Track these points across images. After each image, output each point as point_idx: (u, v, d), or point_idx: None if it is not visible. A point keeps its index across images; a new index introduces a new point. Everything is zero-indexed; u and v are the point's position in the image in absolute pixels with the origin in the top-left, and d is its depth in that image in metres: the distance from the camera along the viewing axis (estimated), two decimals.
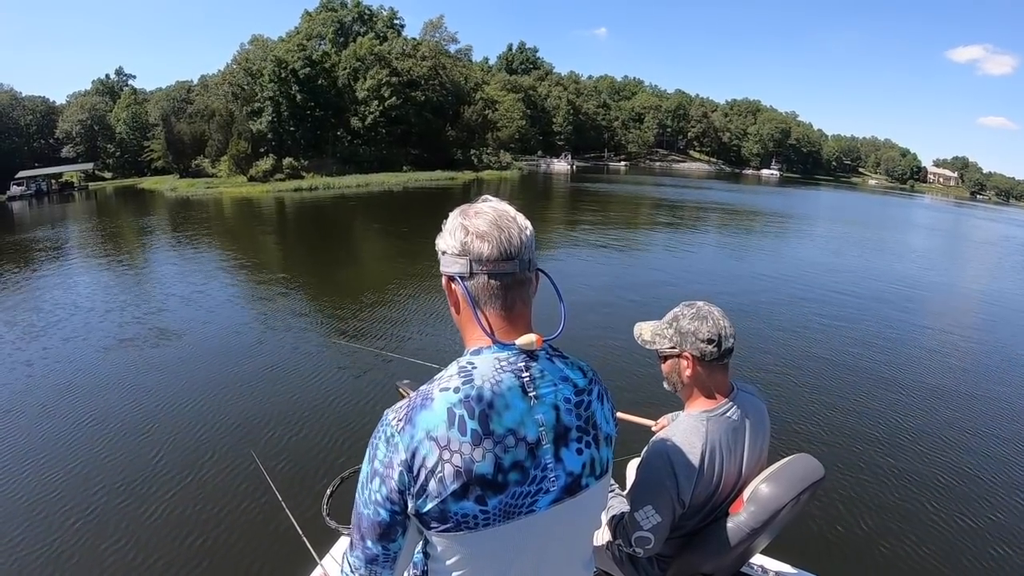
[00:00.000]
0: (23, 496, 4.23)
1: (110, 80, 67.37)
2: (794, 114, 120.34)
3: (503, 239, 0.98)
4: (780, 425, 5.45)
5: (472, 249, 0.98)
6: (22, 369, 6.75)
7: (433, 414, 0.91)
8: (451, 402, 0.92)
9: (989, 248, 26.24)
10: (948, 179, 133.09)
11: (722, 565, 1.59)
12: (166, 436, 5.06)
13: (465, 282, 0.99)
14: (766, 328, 8.76)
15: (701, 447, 1.50)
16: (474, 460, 0.90)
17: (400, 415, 0.94)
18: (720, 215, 28.17)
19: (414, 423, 0.91)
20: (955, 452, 5.23)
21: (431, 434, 0.90)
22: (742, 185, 62.36)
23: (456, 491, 0.90)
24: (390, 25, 58.43)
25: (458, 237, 1.00)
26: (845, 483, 4.56)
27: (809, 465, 1.62)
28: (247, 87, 47.54)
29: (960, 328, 10.22)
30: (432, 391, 0.94)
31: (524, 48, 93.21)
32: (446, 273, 1.02)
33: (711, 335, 1.55)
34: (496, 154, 57.87)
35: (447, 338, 7.52)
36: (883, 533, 3.99)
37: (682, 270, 13.58)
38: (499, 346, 0.99)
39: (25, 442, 5.04)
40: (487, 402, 0.92)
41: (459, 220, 1.02)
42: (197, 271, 12.41)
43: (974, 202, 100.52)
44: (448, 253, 1.01)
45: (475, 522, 0.92)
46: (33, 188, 41.94)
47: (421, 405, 0.93)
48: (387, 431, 0.94)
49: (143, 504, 4.11)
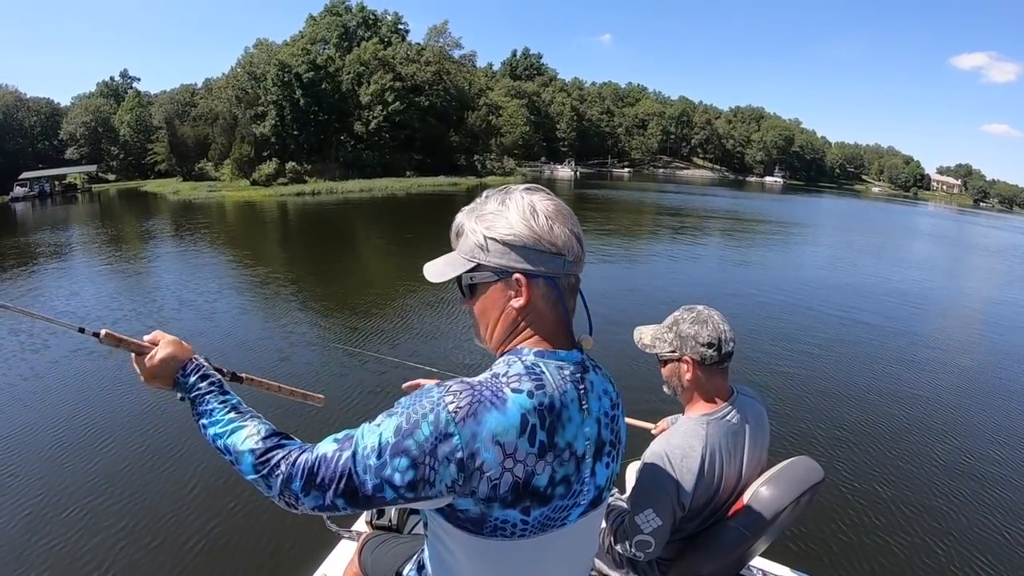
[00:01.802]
0: (31, 493, 4.21)
1: (114, 82, 67.81)
2: (797, 121, 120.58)
3: (576, 230, 0.92)
4: (780, 428, 5.46)
5: (557, 238, 0.90)
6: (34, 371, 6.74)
7: (505, 417, 0.82)
8: (525, 407, 0.83)
9: (996, 257, 26.14)
10: (951, 187, 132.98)
11: (722, 568, 1.58)
12: (164, 436, 5.02)
13: (549, 279, 0.91)
14: (768, 332, 8.74)
15: (701, 450, 1.50)
16: (535, 473, 0.84)
17: (461, 403, 0.82)
18: (725, 222, 28.12)
19: (479, 420, 0.81)
20: (955, 455, 5.19)
21: (498, 438, 0.81)
22: (746, 192, 62.37)
23: (507, 499, 0.83)
24: (394, 30, 58.66)
25: (548, 222, 0.90)
26: (845, 487, 4.53)
27: (809, 467, 1.63)
28: (251, 91, 47.72)
29: (963, 336, 10.18)
30: (501, 388, 0.85)
31: (528, 54, 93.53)
32: (527, 270, 0.90)
33: (711, 339, 1.56)
34: (499, 160, 57.95)
35: (446, 345, 7.51)
36: (882, 537, 3.96)
37: (684, 274, 13.59)
38: (564, 352, 0.93)
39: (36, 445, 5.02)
40: (556, 413, 0.87)
41: (524, 198, 0.91)
42: (198, 275, 12.44)
43: (977, 210, 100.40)
44: (521, 243, 0.89)
45: (512, 531, 0.87)
46: (36, 190, 42.13)
47: (491, 402, 0.83)
48: (440, 416, 0.81)
49: (141, 503, 4.08)
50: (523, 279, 0.89)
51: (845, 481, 4.62)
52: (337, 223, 24.35)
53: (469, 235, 0.93)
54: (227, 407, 0.99)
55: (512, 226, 0.89)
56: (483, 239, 0.91)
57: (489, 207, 0.93)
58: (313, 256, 15.69)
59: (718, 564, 1.56)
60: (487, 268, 0.92)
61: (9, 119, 56.48)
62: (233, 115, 45.54)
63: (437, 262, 1.00)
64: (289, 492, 0.87)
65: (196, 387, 1.03)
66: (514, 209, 0.90)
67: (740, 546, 1.53)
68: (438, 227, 1.10)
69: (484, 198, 0.95)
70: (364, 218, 26.16)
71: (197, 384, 1.03)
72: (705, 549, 1.57)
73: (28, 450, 4.90)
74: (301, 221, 25.10)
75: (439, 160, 51.49)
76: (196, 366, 1.07)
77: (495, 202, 0.93)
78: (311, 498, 0.86)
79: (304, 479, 0.86)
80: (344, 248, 17.40)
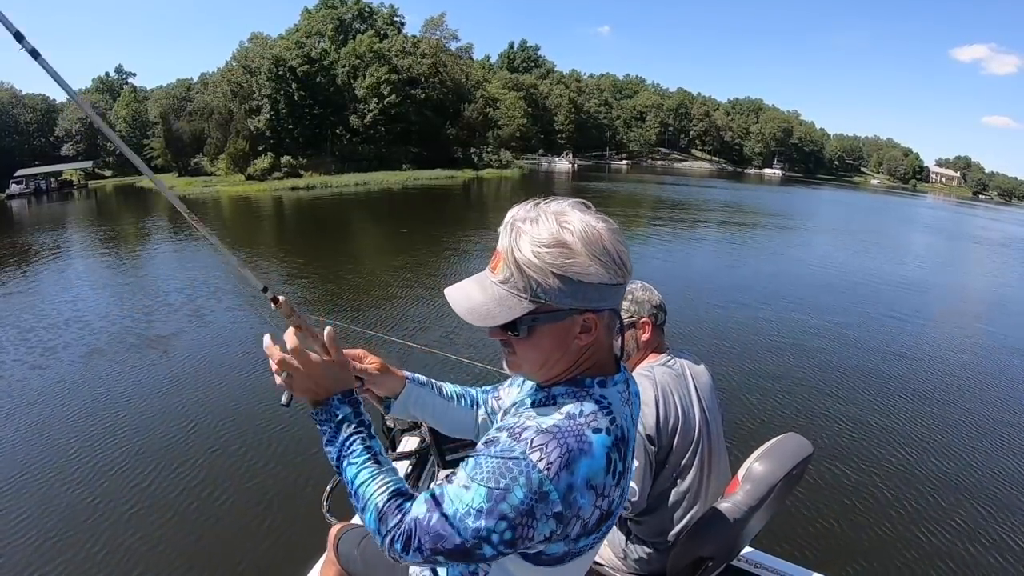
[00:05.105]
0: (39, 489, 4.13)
1: (110, 78, 67.50)
2: (796, 113, 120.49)
3: (626, 248, 0.87)
4: (771, 407, 5.72)
5: (624, 268, 0.85)
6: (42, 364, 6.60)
7: (595, 461, 0.80)
8: (607, 446, 0.82)
9: (995, 250, 26.13)
10: (950, 179, 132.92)
11: (721, 547, 1.58)
12: (164, 433, 4.98)
13: (613, 310, 0.88)
14: (759, 319, 8.80)
15: (652, 388, 1.65)
16: (614, 500, 0.84)
17: (551, 458, 0.78)
18: (726, 213, 28.13)
19: (573, 471, 0.78)
20: (950, 442, 5.21)
21: (592, 482, 0.80)
22: (746, 184, 62.45)
23: (591, 530, 0.83)
24: (390, 22, 58.40)
25: (617, 252, 0.83)
26: (840, 477, 4.49)
27: (799, 443, 1.71)
28: (245, 85, 47.44)
29: (964, 324, 10.17)
30: (583, 431, 0.81)
31: (526, 46, 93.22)
32: (600, 308, 0.85)
33: (660, 302, 1.81)
34: (497, 153, 57.83)
35: (444, 334, 7.40)
36: (877, 526, 3.92)
37: (682, 263, 13.52)
38: (619, 376, 0.92)
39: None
40: (626, 441, 0.86)
41: (589, 225, 0.82)
42: (194, 272, 12.33)
43: (976, 202, 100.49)
44: (597, 280, 0.82)
45: (581, 551, 0.87)
46: (32, 186, 41.92)
47: (579, 450, 0.79)
48: (532, 477, 0.78)
49: (140, 500, 4.05)
50: (594, 317, 0.85)
51: (834, 458, 4.71)
52: (333, 219, 24.28)
53: (529, 271, 0.81)
54: (370, 454, 0.94)
55: (583, 264, 0.80)
56: (552, 277, 0.80)
57: (544, 234, 0.81)
58: (308, 254, 15.58)
59: (718, 543, 1.57)
60: (553, 309, 0.83)
61: (5, 116, 56.24)
62: (228, 110, 45.27)
63: (472, 294, 0.88)
64: (392, 551, 0.87)
65: (348, 419, 0.95)
66: (582, 240, 0.81)
67: (739, 522, 1.53)
68: (431, 222, 1.05)
69: (532, 220, 0.83)
70: (358, 213, 26.12)
71: (350, 417, 0.95)
72: (705, 529, 1.59)
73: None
74: (295, 216, 25.00)
75: (436, 153, 51.34)
76: (356, 398, 0.99)
77: (550, 227, 0.82)
78: (411, 557, 0.86)
79: (403, 542, 0.85)
80: (339, 247, 17.30)
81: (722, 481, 1.74)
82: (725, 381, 5.95)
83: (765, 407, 5.66)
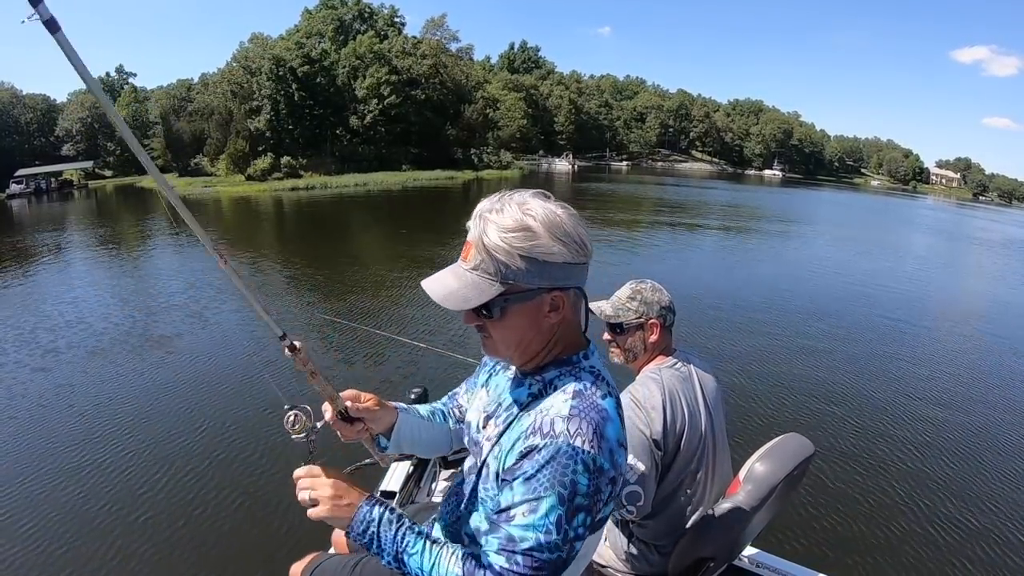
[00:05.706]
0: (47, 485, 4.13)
1: (110, 78, 67.34)
2: (797, 114, 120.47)
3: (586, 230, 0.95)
4: (772, 407, 5.72)
5: (585, 247, 0.91)
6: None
7: (615, 423, 0.90)
8: (616, 407, 0.93)
9: (999, 250, 26.12)
10: (951, 180, 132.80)
11: (723, 547, 1.58)
12: (167, 432, 4.99)
13: (578, 288, 0.95)
14: (759, 320, 8.78)
15: (660, 391, 1.65)
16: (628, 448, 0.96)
17: (587, 436, 0.85)
18: (726, 214, 28.09)
19: (604, 436, 0.87)
20: (951, 442, 5.20)
21: (621, 441, 0.90)
22: (746, 186, 62.40)
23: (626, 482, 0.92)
24: (390, 23, 58.35)
25: (578, 234, 0.90)
26: (842, 477, 4.49)
27: (800, 443, 1.71)
28: (245, 85, 47.38)
29: (962, 325, 10.15)
30: (597, 403, 0.90)
31: (526, 47, 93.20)
32: (566, 286, 0.92)
33: (669, 302, 1.79)
34: (497, 153, 57.79)
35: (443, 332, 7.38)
36: (878, 526, 3.92)
37: (684, 264, 13.51)
38: (593, 346, 1.00)
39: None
40: (620, 401, 0.96)
41: (550, 211, 0.89)
42: (194, 272, 12.32)
43: (976, 203, 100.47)
44: (561, 260, 0.89)
45: (576, 552, 0.89)
46: (33, 186, 41.77)
47: (602, 419, 0.88)
48: (586, 460, 0.84)
49: (141, 496, 4.06)
50: (561, 295, 0.91)
51: (836, 458, 4.70)
52: (333, 220, 24.22)
53: (497, 255, 0.88)
54: (423, 537, 0.95)
55: (547, 245, 0.87)
56: (518, 259, 0.87)
57: (509, 221, 0.88)
58: (307, 254, 15.56)
59: (720, 543, 1.57)
60: (522, 289, 0.90)
61: (5, 116, 56.10)
62: (228, 110, 45.20)
63: (447, 282, 0.93)
64: None
65: (387, 518, 0.95)
66: (544, 224, 0.87)
67: (740, 522, 1.53)
68: (433, 223, 1.05)
69: (497, 211, 0.90)
70: (358, 214, 26.06)
71: (386, 514, 0.96)
72: (707, 529, 1.59)
73: None
74: (294, 216, 24.99)
75: (436, 154, 51.29)
76: (375, 496, 0.98)
77: (514, 214, 0.88)
78: None
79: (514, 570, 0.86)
80: (338, 247, 17.27)
81: (724, 482, 1.73)
82: (726, 381, 5.89)
83: (766, 407, 5.67)
